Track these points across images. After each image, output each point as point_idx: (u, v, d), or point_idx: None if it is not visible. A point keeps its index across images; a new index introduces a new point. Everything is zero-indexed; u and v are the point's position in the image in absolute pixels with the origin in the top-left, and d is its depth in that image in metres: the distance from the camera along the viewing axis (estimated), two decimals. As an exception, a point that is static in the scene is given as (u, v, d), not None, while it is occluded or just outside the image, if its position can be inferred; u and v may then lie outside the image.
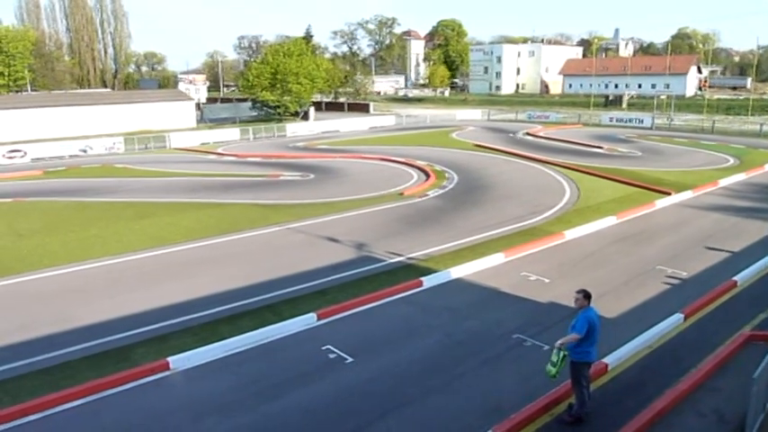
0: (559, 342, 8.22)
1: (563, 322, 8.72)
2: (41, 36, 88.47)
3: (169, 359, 10.38)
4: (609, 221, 19.77)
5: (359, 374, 10.16)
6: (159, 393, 9.69)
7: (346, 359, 10.62)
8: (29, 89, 72.67)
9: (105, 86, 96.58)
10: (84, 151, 41.62)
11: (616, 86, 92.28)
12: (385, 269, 15.48)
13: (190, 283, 14.64)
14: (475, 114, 67.92)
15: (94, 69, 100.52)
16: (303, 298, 13.46)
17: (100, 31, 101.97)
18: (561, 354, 8.13)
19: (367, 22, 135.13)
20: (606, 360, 10.00)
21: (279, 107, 63.62)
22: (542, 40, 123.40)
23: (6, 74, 68.00)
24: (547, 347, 10.41)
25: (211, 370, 10.36)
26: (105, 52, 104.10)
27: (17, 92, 68.93)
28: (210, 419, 8.90)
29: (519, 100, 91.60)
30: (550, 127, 53.73)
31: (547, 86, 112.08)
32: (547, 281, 14.41)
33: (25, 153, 39.27)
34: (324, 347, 11.01)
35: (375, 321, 12.36)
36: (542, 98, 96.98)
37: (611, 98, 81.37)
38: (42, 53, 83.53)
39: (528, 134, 48.33)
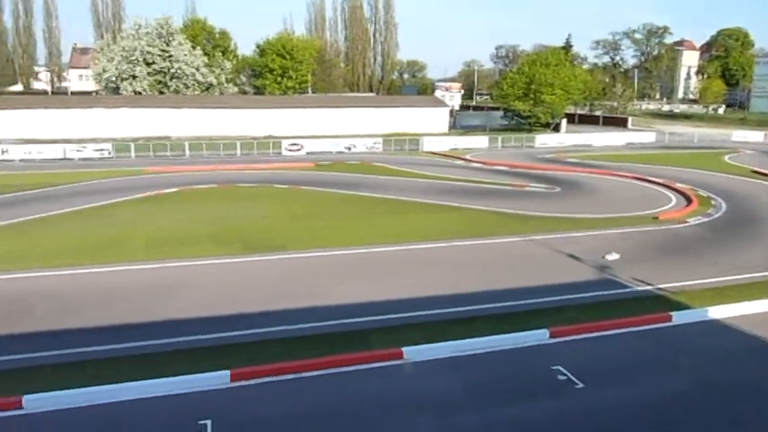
0: None
1: None
2: (324, 45, 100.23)
3: (403, 349, 10.99)
4: None
5: (588, 404, 9.57)
6: (391, 379, 10.32)
7: (576, 384, 10.10)
8: (309, 91, 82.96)
9: (371, 91, 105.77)
10: (349, 149, 46.20)
11: None
12: (629, 296, 14.38)
13: (427, 280, 15.32)
14: (756, 136, 59.08)
15: (364, 75, 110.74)
16: (537, 312, 13.17)
17: (372, 41, 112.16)
18: None
19: (634, 31, 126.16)
20: None
21: (530, 117, 63.08)
22: None
23: (295, 77, 78.70)
24: (829, 420, 8.66)
25: (439, 367, 10.70)
26: (374, 60, 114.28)
27: (301, 93, 79.27)
28: (431, 414, 9.24)
29: (818, 121, 77.27)
30: None
31: None
32: (837, 340, 11.97)
33: (302, 147, 44.99)
34: (553, 367, 10.61)
35: (613, 350, 11.54)
36: None
37: None
38: (324, 60, 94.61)
39: (826, 163, 40.59)
